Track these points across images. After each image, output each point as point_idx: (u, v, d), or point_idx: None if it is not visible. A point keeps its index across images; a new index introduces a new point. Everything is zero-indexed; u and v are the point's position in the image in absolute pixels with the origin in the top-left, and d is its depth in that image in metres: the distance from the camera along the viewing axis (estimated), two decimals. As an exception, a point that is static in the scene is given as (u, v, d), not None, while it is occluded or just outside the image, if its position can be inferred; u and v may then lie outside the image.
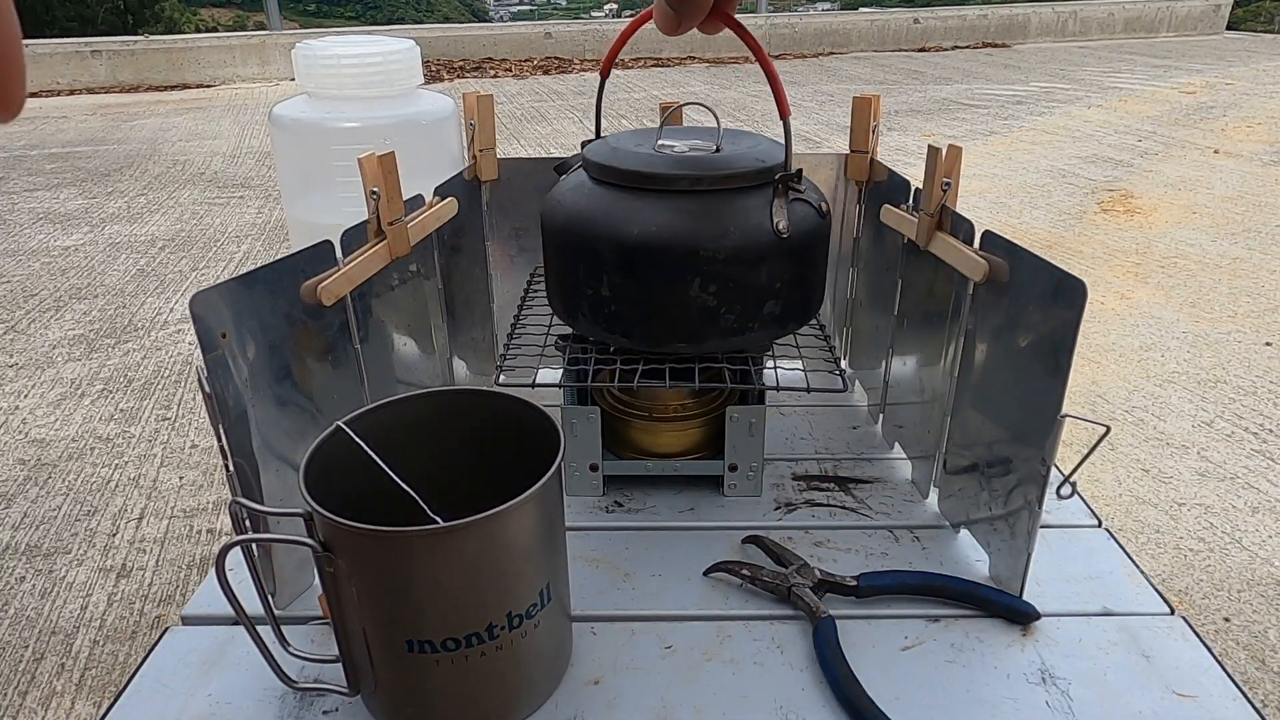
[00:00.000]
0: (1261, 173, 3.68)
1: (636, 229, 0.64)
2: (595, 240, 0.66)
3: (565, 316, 0.73)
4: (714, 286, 0.65)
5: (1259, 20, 9.05)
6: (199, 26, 12.63)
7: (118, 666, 1.26)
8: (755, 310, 0.67)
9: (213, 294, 0.56)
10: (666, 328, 0.67)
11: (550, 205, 0.71)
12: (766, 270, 0.66)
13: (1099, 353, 2.17)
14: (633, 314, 0.67)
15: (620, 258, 0.65)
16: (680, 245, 0.64)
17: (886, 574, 0.67)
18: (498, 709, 0.55)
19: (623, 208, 0.65)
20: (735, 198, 0.66)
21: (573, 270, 0.69)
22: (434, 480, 0.58)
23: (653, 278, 0.65)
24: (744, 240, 0.64)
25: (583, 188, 0.69)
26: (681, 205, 0.65)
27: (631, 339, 0.68)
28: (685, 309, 0.66)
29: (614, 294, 0.67)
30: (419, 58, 1.11)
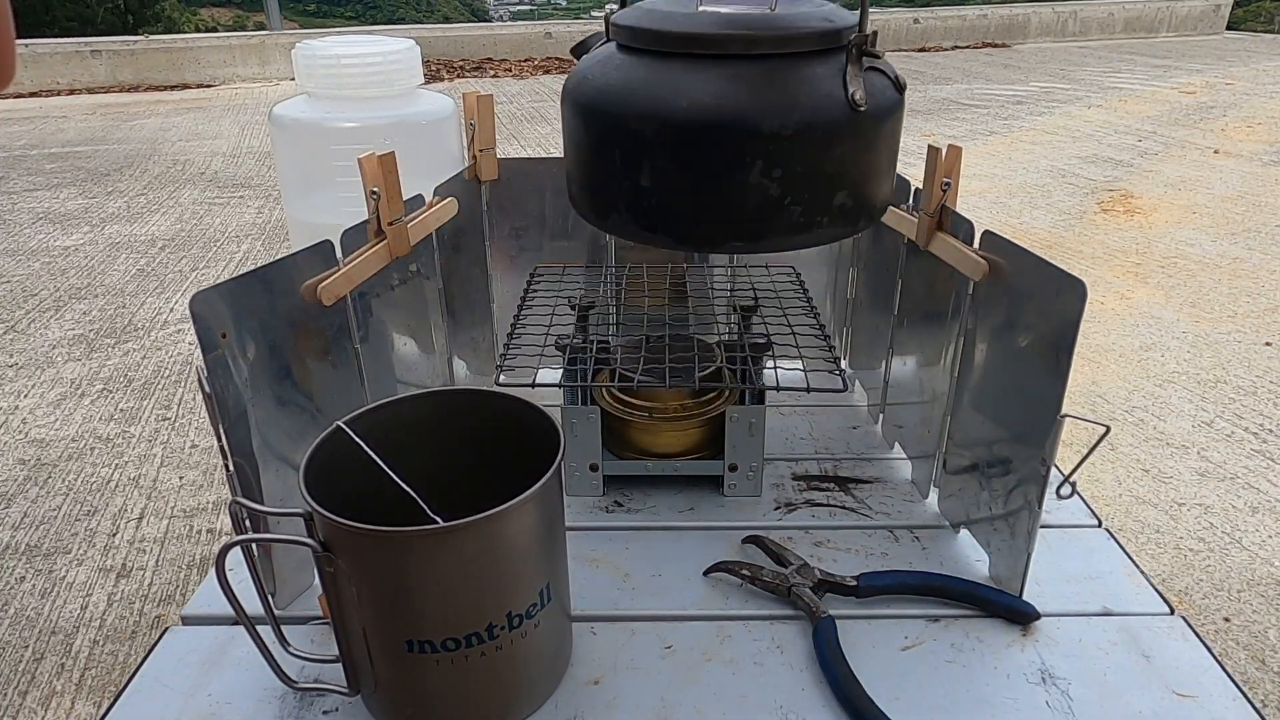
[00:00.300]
0: (1261, 173, 3.68)
1: (685, 102, 0.54)
2: (634, 118, 0.56)
3: (595, 216, 0.64)
4: (778, 171, 0.55)
5: (1259, 20, 9.05)
6: (199, 26, 12.63)
7: (118, 666, 1.26)
8: (825, 201, 0.58)
9: (213, 294, 0.56)
10: (720, 223, 0.58)
11: (574, 82, 0.62)
12: (840, 152, 0.57)
13: (1099, 353, 2.17)
14: (679, 207, 0.58)
15: (665, 138, 0.55)
16: (739, 120, 0.54)
17: (886, 574, 0.67)
18: (498, 709, 0.55)
19: (667, 78, 0.56)
20: (801, 64, 0.56)
21: (605, 157, 0.60)
22: (434, 480, 0.58)
23: (705, 161, 0.55)
24: (814, 114, 0.55)
25: (614, 59, 0.60)
26: (738, 73, 0.55)
27: (677, 238, 0.60)
28: (743, 199, 0.56)
29: (657, 183, 0.57)
30: (419, 58, 1.11)
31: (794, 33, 0.56)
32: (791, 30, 0.56)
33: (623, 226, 0.62)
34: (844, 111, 0.55)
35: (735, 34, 0.55)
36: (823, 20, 0.58)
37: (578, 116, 0.62)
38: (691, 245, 0.62)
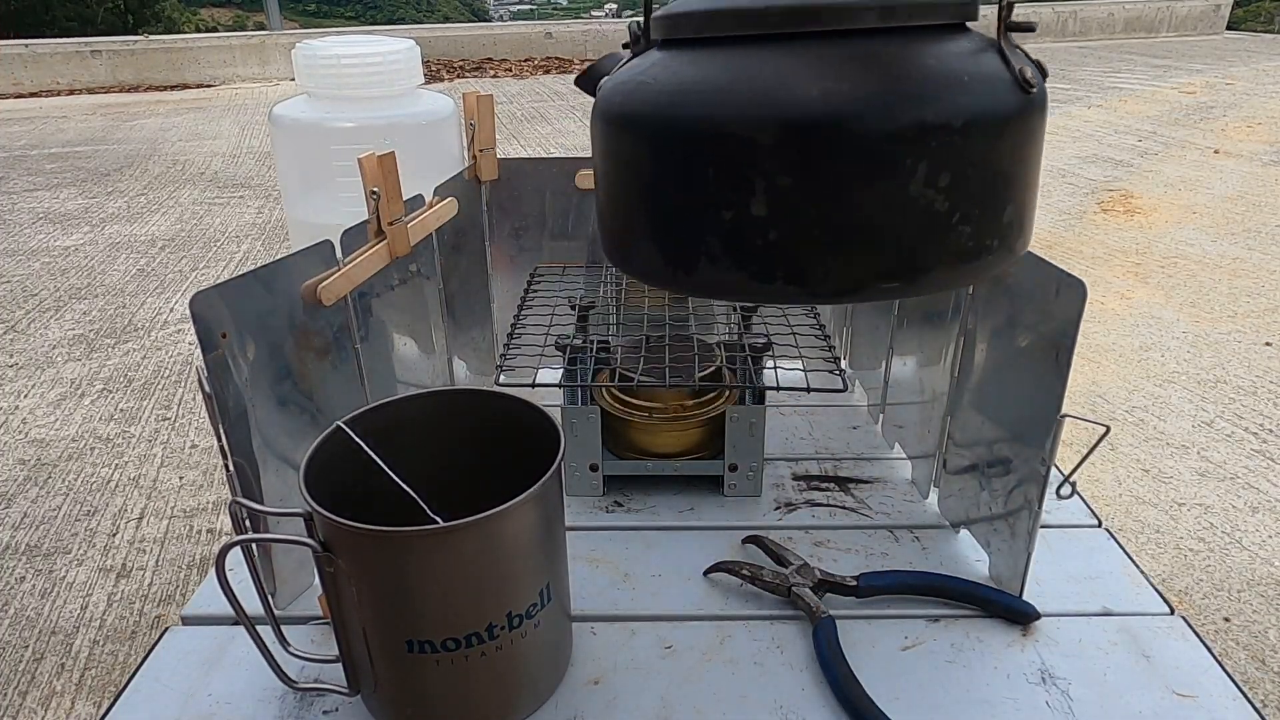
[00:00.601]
0: (1261, 173, 3.68)
1: (817, 90, 0.40)
2: (740, 121, 0.41)
3: (669, 269, 0.46)
4: (946, 177, 0.41)
5: (1259, 20, 9.05)
6: (199, 26, 12.63)
7: (118, 666, 1.26)
8: (995, 217, 0.45)
9: (213, 294, 0.56)
10: (869, 257, 0.43)
11: (618, 95, 0.47)
12: (1013, 147, 0.44)
13: (1099, 353, 2.17)
14: (811, 242, 0.42)
15: (790, 144, 0.40)
16: (895, 110, 0.40)
17: (886, 574, 0.67)
18: (498, 709, 0.55)
19: (776, 66, 0.42)
20: (941, 39, 0.43)
21: (689, 185, 0.44)
22: (434, 480, 0.58)
23: (849, 171, 0.40)
24: (988, 98, 0.42)
25: (675, 59, 0.46)
26: (872, 51, 0.42)
27: (809, 286, 0.43)
28: (901, 220, 0.42)
29: (777, 211, 0.42)
30: (419, 58, 1.11)
31: (918, 9, 0.43)
32: (919, 6, 0.43)
33: (719, 280, 0.44)
34: (1016, 95, 0.43)
35: (859, 3, 0.42)
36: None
37: (633, 135, 0.46)
38: (828, 294, 0.44)
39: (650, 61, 0.48)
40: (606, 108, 0.49)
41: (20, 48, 5.85)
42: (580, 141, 4.18)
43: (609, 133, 0.49)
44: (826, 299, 0.45)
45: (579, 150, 4.06)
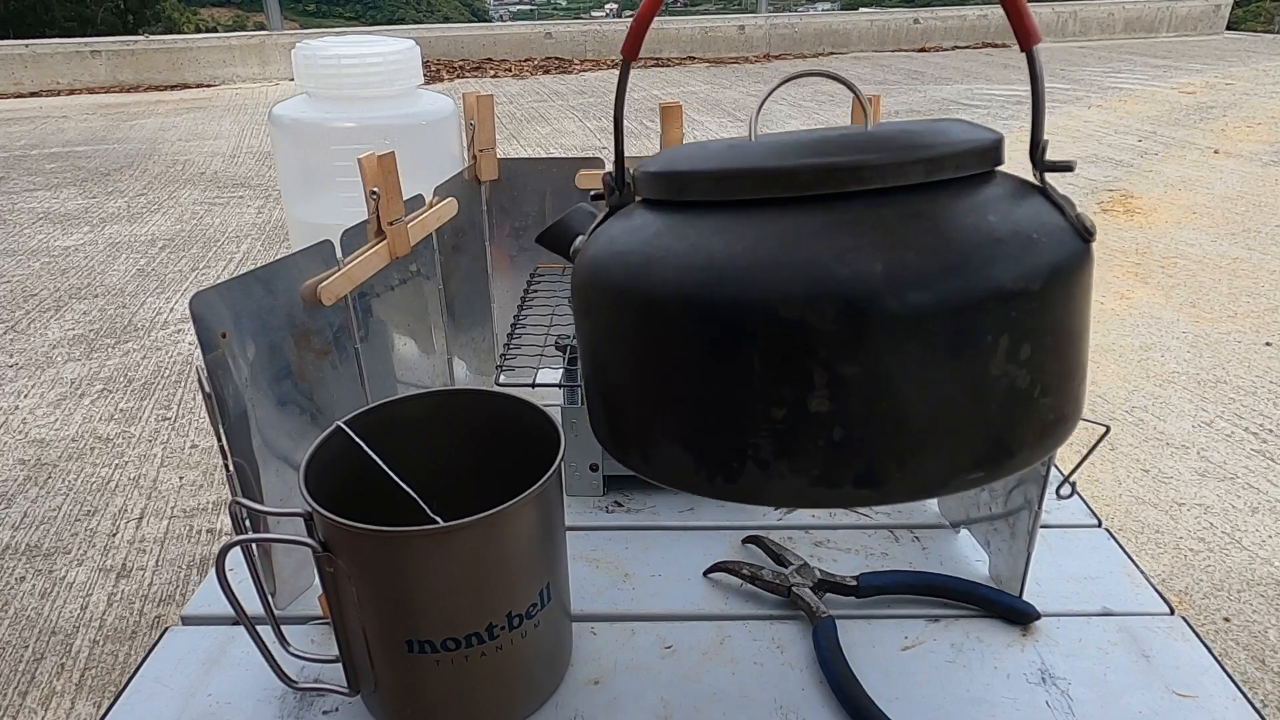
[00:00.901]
0: (1261, 173, 3.68)
1: (879, 264, 0.34)
2: (787, 305, 0.34)
3: (707, 478, 0.39)
4: (1028, 348, 0.36)
5: (1259, 20, 9.05)
6: (199, 26, 12.63)
7: (118, 666, 1.26)
8: (1071, 382, 0.39)
9: (213, 294, 0.56)
10: (952, 448, 0.36)
11: (622, 269, 0.39)
12: (1083, 304, 0.39)
13: (1099, 353, 2.17)
14: (884, 435, 0.35)
15: (855, 327, 0.34)
16: (970, 281, 0.34)
17: (886, 574, 0.67)
18: (498, 709, 0.55)
19: (819, 234, 0.35)
20: (989, 190, 0.38)
21: (728, 381, 0.36)
22: (434, 480, 0.58)
23: (923, 353, 0.34)
24: (1058, 254, 0.37)
25: (686, 224, 0.38)
26: (923, 211, 0.36)
27: (882, 485, 0.36)
28: (985, 402, 0.36)
29: (840, 404, 0.35)
30: (419, 58, 1.11)
31: (968, 146, 0.38)
32: (957, 145, 0.38)
33: (771, 488, 0.37)
34: (1080, 245, 0.38)
35: (905, 158, 0.36)
36: (977, 134, 0.41)
37: (652, 320, 0.38)
38: (905, 494, 0.37)
39: (649, 226, 0.40)
40: (604, 281, 0.40)
41: (20, 48, 5.85)
42: (580, 141, 4.18)
43: (613, 313, 0.40)
44: (904, 499, 0.38)
45: (579, 150, 4.06)
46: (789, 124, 4.61)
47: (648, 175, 0.41)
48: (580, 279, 0.42)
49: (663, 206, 0.40)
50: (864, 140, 0.38)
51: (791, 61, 6.74)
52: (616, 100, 0.44)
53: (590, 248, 0.42)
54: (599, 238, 0.42)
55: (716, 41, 6.91)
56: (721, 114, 4.89)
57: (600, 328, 0.42)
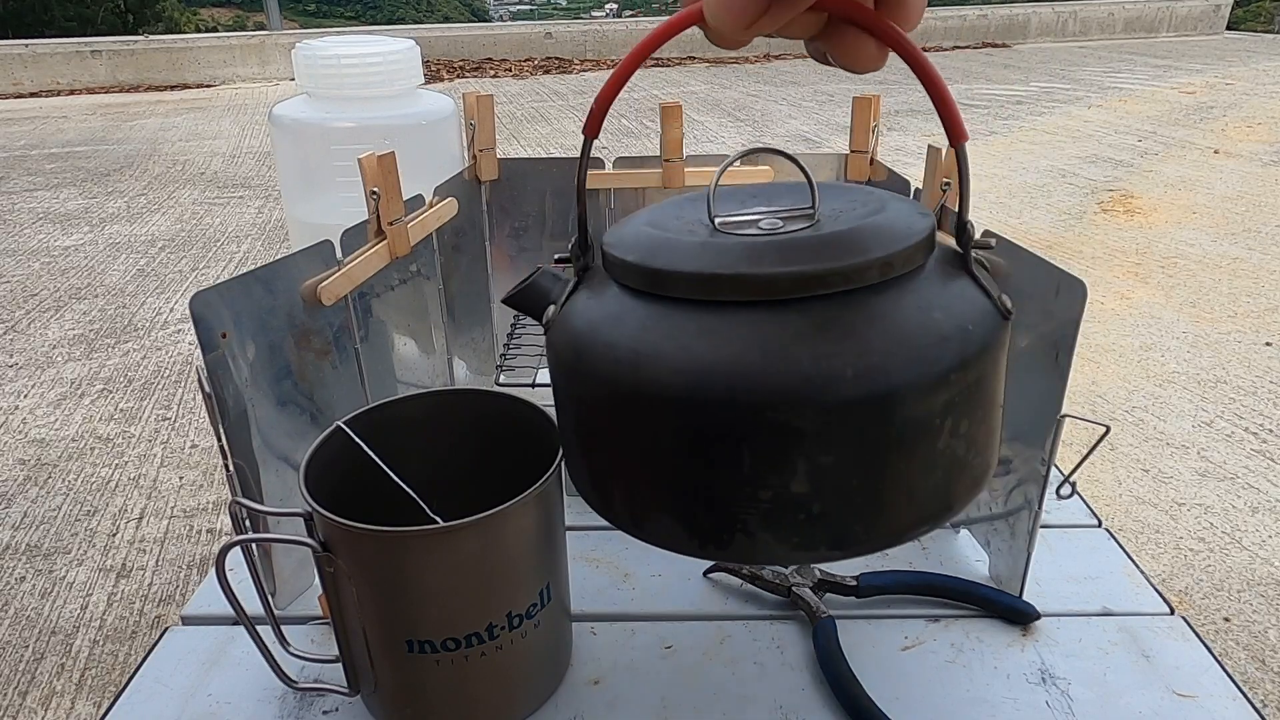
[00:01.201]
0: (1261, 173, 3.68)
1: (850, 371, 0.39)
2: (775, 409, 0.39)
3: (696, 544, 0.43)
4: (966, 423, 0.42)
5: (1259, 20, 9.05)
6: (199, 26, 12.64)
7: (118, 666, 1.26)
8: (993, 439, 0.46)
9: (213, 294, 0.56)
10: (908, 510, 0.42)
11: (609, 359, 0.42)
12: (1002, 372, 0.45)
13: (1099, 353, 2.17)
14: (854, 507, 0.41)
15: (833, 425, 0.39)
16: (925, 379, 0.39)
17: (886, 574, 0.67)
18: (498, 709, 0.55)
19: (797, 339, 0.39)
20: (929, 283, 0.42)
21: (719, 469, 0.41)
22: (434, 480, 0.58)
23: (886, 441, 0.40)
24: (988, 338, 0.42)
25: (667, 317, 0.41)
26: (881, 313, 0.40)
27: (850, 546, 0.42)
28: (932, 472, 0.42)
29: (817, 486, 0.40)
30: (419, 58, 1.11)
31: (909, 242, 0.41)
32: (905, 238, 0.41)
33: (757, 552, 0.42)
34: (1001, 323, 0.43)
35: (863, 262, 0.40)
36: (916, 216, 0.44)
37: (647, 412, 0.41)
38: (869, 549, 0.43)
39: (631, 317, 0.42)
40: (593, 370, 0.42)
41: (20, 48, 5.85)
42: (580, 141, 4.18)
43: (602, 401, 0.43)
44: (867, 552, 0.43)
45: (579, 151, 4.04)
46: (789, 123, 4.62)
47: (623, 264, 0.43)
48: (563, 357, 0.44)
49: (639, 294, 0.43)
50: (822, 242, 0.42)
51: (791, 62, 6.74)
52: (579, 175, 0.46)
53: (569, 323, 0.45)
54: (576, 314, 0.45)
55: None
56: (721, 114, 4.90)
57: (586, 410, 0.44)
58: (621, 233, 0.46)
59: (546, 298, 0.48)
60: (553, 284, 0.49)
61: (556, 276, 0.49)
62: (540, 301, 0.48)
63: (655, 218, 0.47)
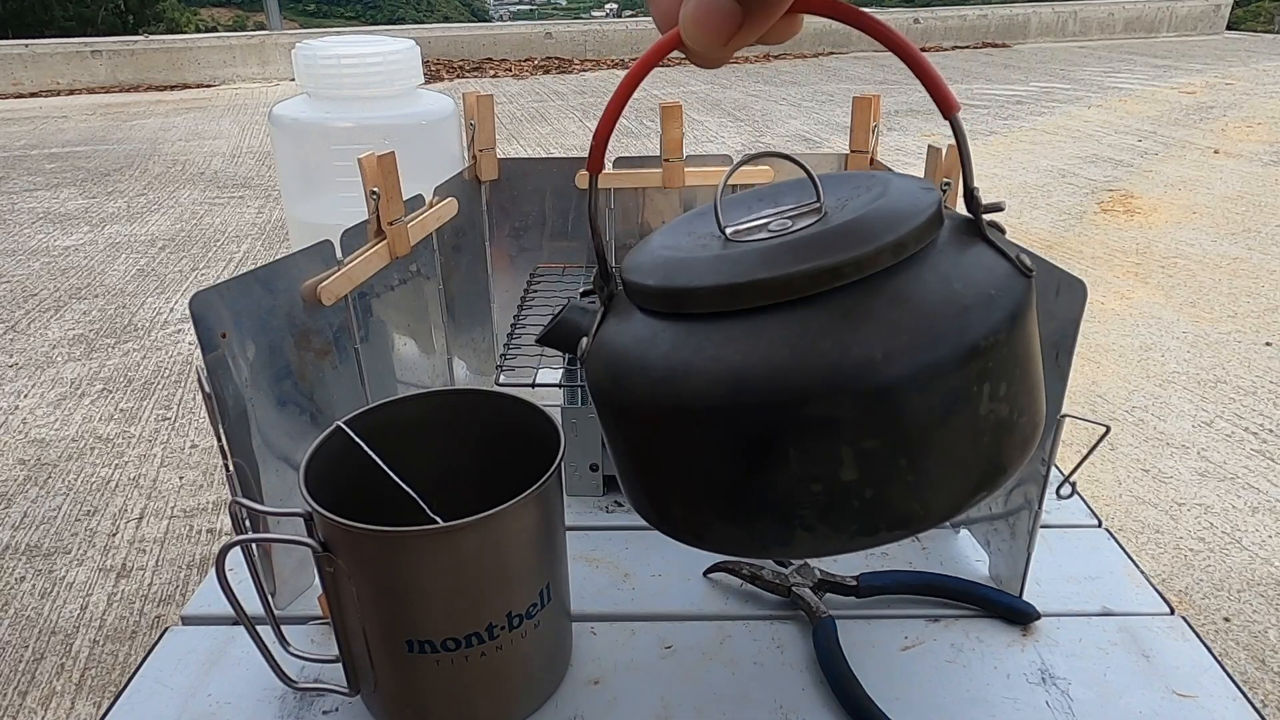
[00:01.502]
0: (1261, 173, 3.68)
1: (879, 352, 0.39)
2: (812, 404, 0.39)
3: (758, 545, 0.44)
4: (1004, 385, 0.41)
5: (1259, 20, 9.05)
6: (199, 26, 12.63)
7: (118, 666, 1.26)
8: (1039, 397, 0.46)
9: (213, 294, 0.56)
10: (959, 481, 0.42)
11: (645, 382, 0.42)
12: (1034, 328, 0.45)
13: (1099, 353, 2.17)
14: (905, 486, 0.41)
15: (870, 410, 0.39)
16: (954, 351, 0.39)
17: (886, 574, 0.67)
18: (498, 709, 0.55)
19: (821, 333, 0.40)
20: (942, 255, 0.43)
21: (771, 470, 0.41)
22: (434, 480, 0.58)
23: (926, 418, 0.40)
24: (1013, 300, 0.42)
25: (694, 333, 0.42)
26: (899, 295, 0.41)
27: (911, 524, 0.42)
28: (980, 437, 0.42)
29: (866, 471, 0.41)
30: (419, 58, 1.11)
31: (918, 220, 0.42)
32: (914, 217, 0.42)
33: (820, 544, 0.43)
34: (1024, 282, 0.43)
35: (875, 247, 0.41)
36: (921, 193, 0.44)
37: (693, 427, 0.42)
38: (931, 524, 0.43)
39: (661, 338, 0.43)
40: (633, 395, 0.43)
41: (20, 48, 5.85)
42: (581, 141, 4.18)
43: (646, 424, 0.44)
44: (930, 527, 0.43)
45: (579, 150, 4.06)
46: (790, 123, 4.62)
47: (644, 290, 0.44)
48: (602, 385, 0.45)
49: (664, 316, 0.44)
50: (833, 235, 0.42)
51: (791, 62, 6.74)
52: (590, 209, 0.46)
53: (603, 352, 0.45)
54: (609, 343, 0.45)
55: (716, 41, 6.90)
56: (721, 114, 4.90)
57: (633, 434, 0.45)
58: (638, 260, 0.47)
59: (578, 331, 0.48)
60: (581, 317, 0.50)
61: (584, 309, 0.50)
62: (572, 335, 0.48)
63: (668, 239, 0.48)
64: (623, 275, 0.46)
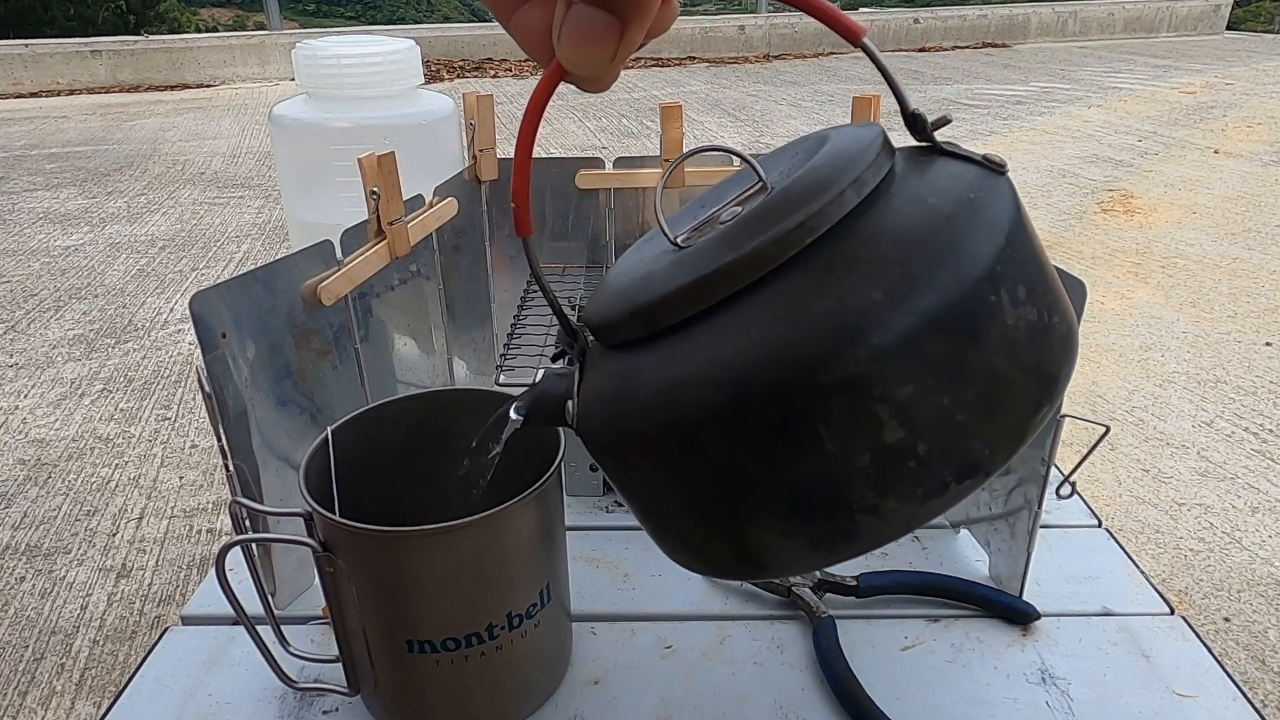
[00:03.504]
0: (1261, 173, 3.68)
1: (880, 292, 0.35)
2: (826, 370, 0.35)
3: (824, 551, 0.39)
4: (1021, 286, 0.38)
5: (1259, 20, 9.05)
6: (199, 26, 12.63)
7: (118, 666, 1.26)
8: (1060, 290, 0.43)
9: (213, 294, 0.56)
10: (1015, 401, 0.38)
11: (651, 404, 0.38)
12: (1027, 222, 0.41)
13: (1099, 353, 2.17)
14: (959, 427, 0.37)
15: (889, 357, 0.35)
16: (960, 268, 0.36)
17: (886, 574, 0.67)
18: (498, 709, 0.55)
19: (815, 294, 0.36)
20: (908, 179, 0.40)
21: (811, 455, 0.36)
22: (434, 481, 0.58)
23: (958, 346, 0.36)
24: (997, 198, 0.39)
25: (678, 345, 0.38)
26: (876, 229, 0.38)
27: (980, 470, 0.38)
28: (1016, 348, 0.38)
29: (910, 425, 0.36)
30: (419, 58, 1.11)
31: (868, 153, 0.40)
32: (862, 152, 0.39)
33: (890, 526, 0.38)
34: (1002, 180, 0.40)
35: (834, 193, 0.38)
36: (861, 130, 0.42)
37: (720, 436, 0.37)
38: (1000, 465, 0.38)
39: (649, 363, 0.39)
40: (642, 435, 0.39)
41: (20, 48, 5.85)
42: (580, 141, 4.18)
43: (665, 459, 0.39)
44: (1004, 462, 0.38)
45: (579, 150, 4.06)
46: (790, 124, 4.61)
47: (612, 324, 0.41)
48: (603, 441, 0.41)
49: (641, 343, 0.40)
50: (787, 197, 0.38)
51: (791, 62, 6.74)
52: (533, 271, 0.43)
53: (591, 408, 0.42)
54: (594, 396, 0.42)
55: (716, 41, 6.91)
56: (721, 114, 4.89)
57: (651, 479, 0.41)
58: (597, 301, 0.44)
59: (561, 399, 0.45)
60: (558, 384, 0.46)
61: (559, 375, 0.47)
62: (556, 405, 0.45)
63: (620, 270, 0.45)
64: (588, 323, 0.44)
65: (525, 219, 0.40)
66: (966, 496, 0.38)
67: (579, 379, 0.44)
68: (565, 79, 0.35)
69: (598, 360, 0.43)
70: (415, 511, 0.56)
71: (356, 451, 0.56)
